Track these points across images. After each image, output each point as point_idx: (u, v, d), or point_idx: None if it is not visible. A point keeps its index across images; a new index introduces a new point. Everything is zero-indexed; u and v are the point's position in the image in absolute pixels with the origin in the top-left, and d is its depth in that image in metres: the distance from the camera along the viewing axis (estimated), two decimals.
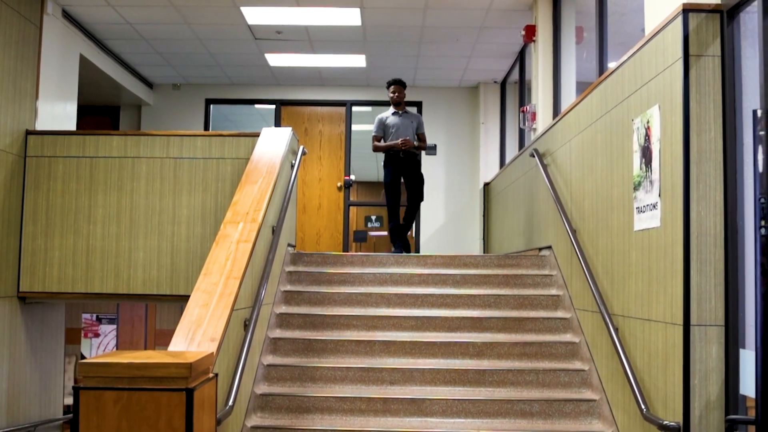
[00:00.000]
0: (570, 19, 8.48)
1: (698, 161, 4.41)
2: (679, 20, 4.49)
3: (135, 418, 3.53)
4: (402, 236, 9.10)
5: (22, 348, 8.24)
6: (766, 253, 3.26)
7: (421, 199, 9.27)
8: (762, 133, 3.26)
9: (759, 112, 3.29)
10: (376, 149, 9.36)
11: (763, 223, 3.23)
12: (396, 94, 9.22)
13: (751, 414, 3.83)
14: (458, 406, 5.82)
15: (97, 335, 13.47)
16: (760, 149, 3.26)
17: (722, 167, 4.40)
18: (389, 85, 9.30)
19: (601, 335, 5.79)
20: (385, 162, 9.25)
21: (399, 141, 8.98)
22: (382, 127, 9.26)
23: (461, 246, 12.13)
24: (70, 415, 10.00)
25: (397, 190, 9.16)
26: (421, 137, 9.35)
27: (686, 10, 4.47)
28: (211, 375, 4.07)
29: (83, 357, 13.14)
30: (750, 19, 4.32)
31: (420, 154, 9.67)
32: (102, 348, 13.39)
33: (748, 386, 4.09)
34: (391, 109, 9.33)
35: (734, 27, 4.42)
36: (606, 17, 6.93)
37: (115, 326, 13.52)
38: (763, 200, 3.23)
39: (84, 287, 7.99)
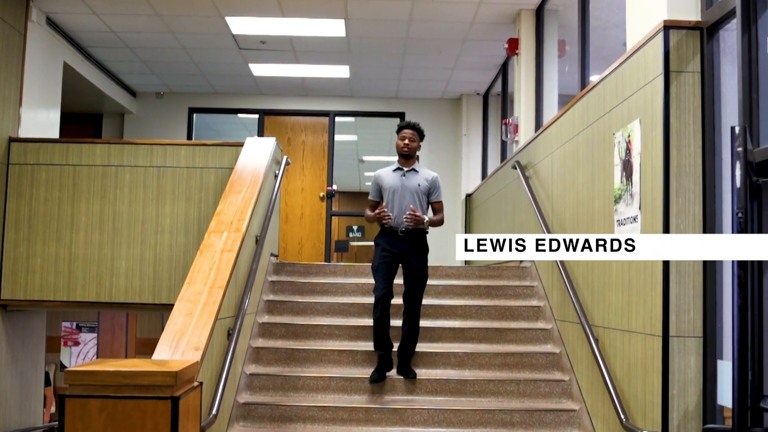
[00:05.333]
0: (553, 33, 8.56)
1: (678, 175, 4.48)
2: (660, 36, 4.57)
3: (120, 426, 3.54)
4: (403, 362, 6.31)
5: (3, 356, 8.19)
6: (743, 265, 3.33)
7: (420, 301, 6.39)
8: (739, 149, 3.32)
9: (737, 129, 3.36)
10: (366, 218, 6.63)
11: None
12: (407, 143, 6.39)
13: (728, 423, 3.89)
14: (440, 416, 5.85)
15: (77, 344, 13.40)
16: (738, 165, 3.32)
17: (701, 181, 4.47)
18: (400, 128, 6.49)
19: (582, 346, 5.84)
20: (377, 237, 6.47)
21: (379, 211, 6.27)
22: (378, 189, 6.48)
23: (443, 257, 12.14)
24: (50, 424, 9.96)
25: (388, 282, 6.22)
26: (435, 208, 6.52)
27: (667, 27, 4.55)
28: (195, 383, 4.08)
29: (63, 366, 13.06)
30: (729, 36, 4.40)
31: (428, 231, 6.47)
32: (82, 357, 13.31)
33: (725, 396, 4.16)
34: (395, 165, 6.51)
35: (714, 44, 4.50)
36: (588, 32, 7.00)
37: (95, 335, 13.45)
38: (740, 215, 3.29)
39: (66, 295, 7.96)
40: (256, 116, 12.80)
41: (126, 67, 11.27)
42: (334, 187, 12.66)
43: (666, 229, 4.46)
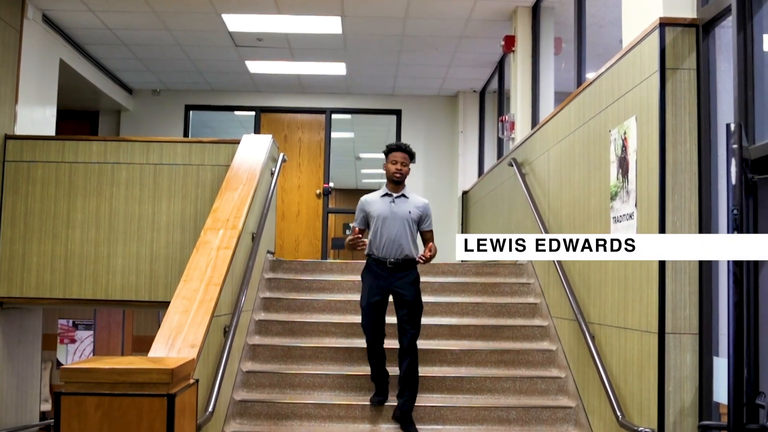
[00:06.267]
0: (549, 30, 8.56)
1: (674, 172, 4.49)
2: (656, 34, 4.57)
3: (116, 424, 3.54)
4: (403, 414, 5.76)
5: None
6: (739, 263, 3.33)
7: (417, 331, 5.87)
8: (735, 146, 3.33)
9: (732, 126, 3.36)
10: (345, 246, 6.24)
11: (735, 233, 3.30)
12: (399, 167, 5.91)
13: (724, 420, 3.90)
14: (436, 413, 5.86)
15: (73, 341, 13.37)
16: (733, 162, 3.33)
17: (697, 178, 4.48)
18: (390, 150, 6.00)
19: (578, 343, 5.85)
20: (364, 270, 6.03)
21: (352, 236, 5.86)
22: (364, 216, 6.02)
23: (439, 254, 12.11)
24: (47, 422, 9.96)
25: (380, 321, 5.88)
26: (426, 237, 6.03)
27: (663, 24, 4.56)
28: (191, 381, 4.08)
29: (59, 363, 13.04)
30: (725, 33, 4.41)
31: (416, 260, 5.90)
32: (78, 354, 13.29)
33: (721, 393, 4.16)
34: (383, 190, 6.04)
35: (709, 41, 4.50)
36: (584, 29, 7.01)
37: (91, 332, 13.42)
38: (735, 211, 3.30)
39: (62, 293, 7.95)
40: (253, 113, 12.79)
41: (122, 64, 11.26)
42: (331, 184, 12.66)
43: (662, 226, 4.46)
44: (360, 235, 5.82)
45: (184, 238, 7.94)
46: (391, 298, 5.93)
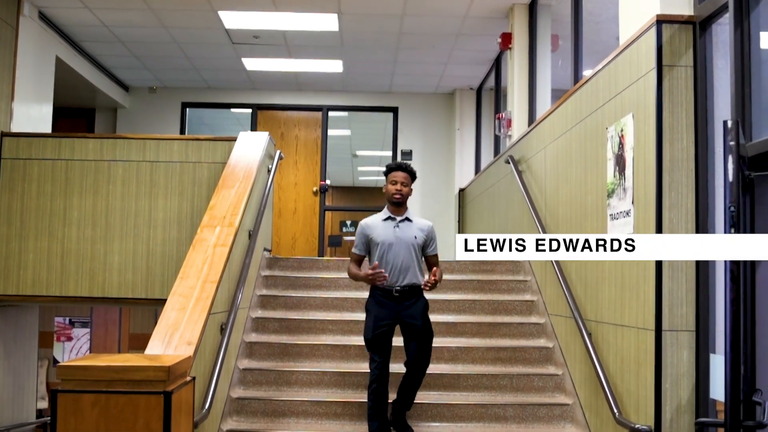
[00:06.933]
0: (546, 27, 8.56)
1: (671, 169, 4.49)
2: (653, 31, 4.57)
3: (113, 421, 3.54)
4: (398, 414, 5.63)
5: None
6: (736, 260, 3.33)
7: (427, 365, 5.57)
8: (732, 143, 3.32)
9: (729, 123, 3.36)
10: (351, 276, 5.82)
11: (732, 230, 3.30)
12: (399, 188, 5.63)
13: (721, 417, 3.90)
14: (433, 410, 5.86)
15: (70, 339, 13.38)
16: (730, 159, 3.33)
17: (694, 176, 4.48)
18: (390, 170, 5.71)
19: (575, 340, 5.85)
20: (368, 301, 5.67)
21: (372, 271, 5.45)
22: (366, 242, 5.69)
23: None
24: (43, 419, 9.95)
25: (386, 357, 5.46)
26: (431, 262, 5.70)
27: (660, 21, 4.55)
28: (188, 378, 4.08)
29: (56, 361, 13.04)
30: (722, 30, 4.41)
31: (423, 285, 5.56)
32: (75, 352, 13.29)
33: (717, 390, 4.17)
34: (385, 213, 5.72)
35: (706, 38, 4.50)
36: (581, 26, 7.00)
37: (88, 330, 13.43)
38: (732, 208, 3.30)
39: (58, 290, 7.94)
40: (249, 111, 12.78)
41: (119, 61, 11.24)
42: (328, 181, 12.65)
43: (659, 224, 4.46)
44: (381, 270, 5.43)
45: (181, 236, 7.93)
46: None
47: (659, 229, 4.46)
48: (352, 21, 9.44)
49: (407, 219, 5.68)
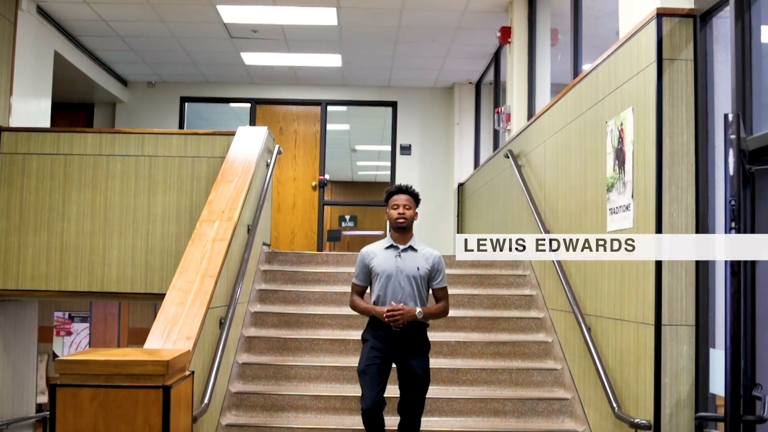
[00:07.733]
0: (545, 21, 8.54)
1: (671, 163, 4.48)
2: (653, 24, 4.56)
3: (112, 415, 3.53)
4: None
5: None
6: None
7: (421, 411, 5.00)
8: (732, 136, 3.32)
9: (730, 116, 3.35)
10: (355, 308, 5.23)
11: (733, 224, 3.29)
12: (402, 212, 5.06)
13: (721, 412, 3.90)
14: (432, 404, 5.85)
15: (69, 333, 13.38)
16: (731, 152, 3.32)
17: (694, 169, 4.47)
18: (390, 194, 5.16)
19: (574, 335, 5.85)
20: (365, 331, 5.12)
21: (385, 309, 4.88)
22: (366, 271, 5.14)
23: (435, 246, 12.10)
24: (43, 414, 9.94)
25: (380, 389, 4.89)
26: (438, 296, 5.17)
27: (660, 15, 4.54)
28: (187, 373, 4.07)
29: (55, 355, 13.04)
30: (722, 24, 4.40)
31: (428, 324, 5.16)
32: (74, 346, 13.30)
33: (717, 385, 4.16)
34: (387, 240, 5.19)
35: (707, 31, 4.49)
36: (581, 20, 6.99)
37: (87, 324, 13.43)
38: (733, 202, 3.29)
39: (58, 285, 7.92)
40: (248, 105, 12.76)
41: (117, 56, 11.22)
42: (327, 176, 12.64)
43: (659, 218, 4.46)
44: (400, 308, 4.86)
45: (180, 230, 7.92)
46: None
47: (659, 224, 4.45)
48: (350, 15, 9.42)
49: (411, 248, 5.10)
